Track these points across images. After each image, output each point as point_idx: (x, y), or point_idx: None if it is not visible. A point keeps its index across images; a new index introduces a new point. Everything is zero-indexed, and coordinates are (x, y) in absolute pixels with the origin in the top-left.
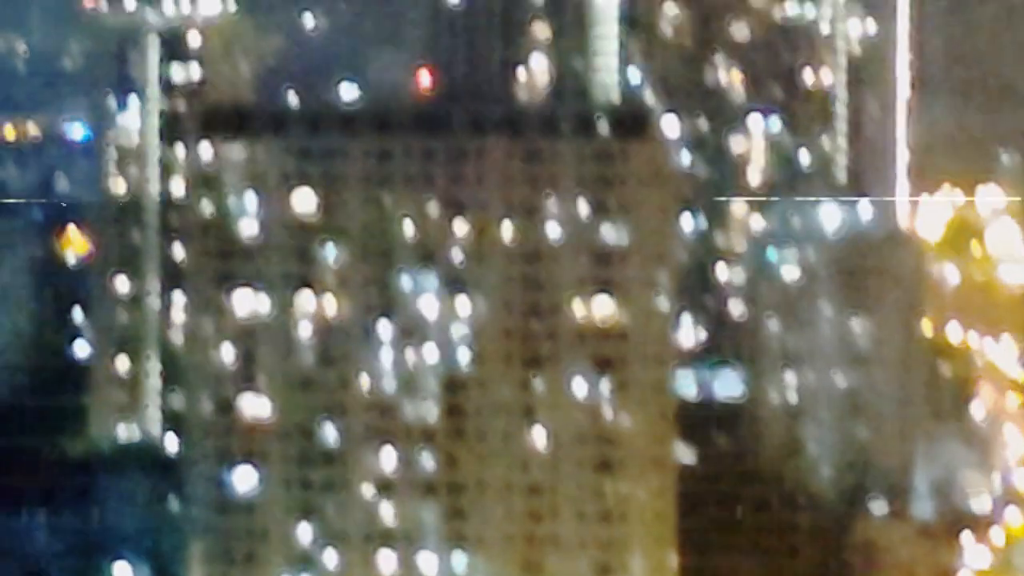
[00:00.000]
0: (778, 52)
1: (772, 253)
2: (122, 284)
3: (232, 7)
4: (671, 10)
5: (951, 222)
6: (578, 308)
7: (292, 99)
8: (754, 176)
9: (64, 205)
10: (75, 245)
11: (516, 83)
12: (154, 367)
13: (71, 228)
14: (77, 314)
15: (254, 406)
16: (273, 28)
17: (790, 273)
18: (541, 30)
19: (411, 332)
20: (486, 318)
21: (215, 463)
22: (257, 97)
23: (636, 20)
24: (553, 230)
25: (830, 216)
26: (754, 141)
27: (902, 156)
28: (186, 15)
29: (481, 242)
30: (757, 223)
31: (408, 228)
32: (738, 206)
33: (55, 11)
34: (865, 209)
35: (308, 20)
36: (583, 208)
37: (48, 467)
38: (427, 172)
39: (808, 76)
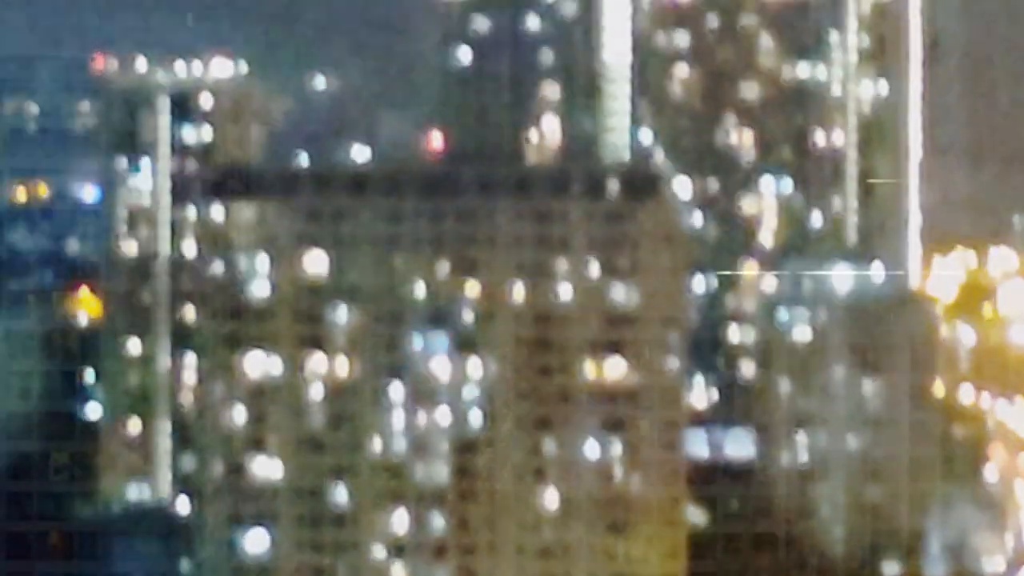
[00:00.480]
0: (789, 113)
1: (783, 314)
2: (133, 345)
3: (243, 69)
4: (682, 71)
5: (963, 284)
6: (589, 369)
7: (303, 160)
8: (765, 237)
9: (75, 266)
10: (86, 306)
11: (526, 144)
12: (165, 429)
13: (82, 289)
14: (88, 375)
15: (265, 468)
16: (284, 90)
17: (802, 334)
18: (551, 91)
19: (422, 393)
20: (497, 379)
21: (227, 525)
22: (268, 158)
23: (647, 81)
24: (564, 291)
25: (841, 277)
26: (765, 202)
27: (914, 217)
28: (197, 77)
29: (492, 303)
30: (768, 284)
31: (419, 289)
32: (749, 267)
33: (66, 73)
34: (877, 270)
35: (319, 82)
36: (594, 269)
37: (59, 530)
38: (437, 233)
39: (820, 137)
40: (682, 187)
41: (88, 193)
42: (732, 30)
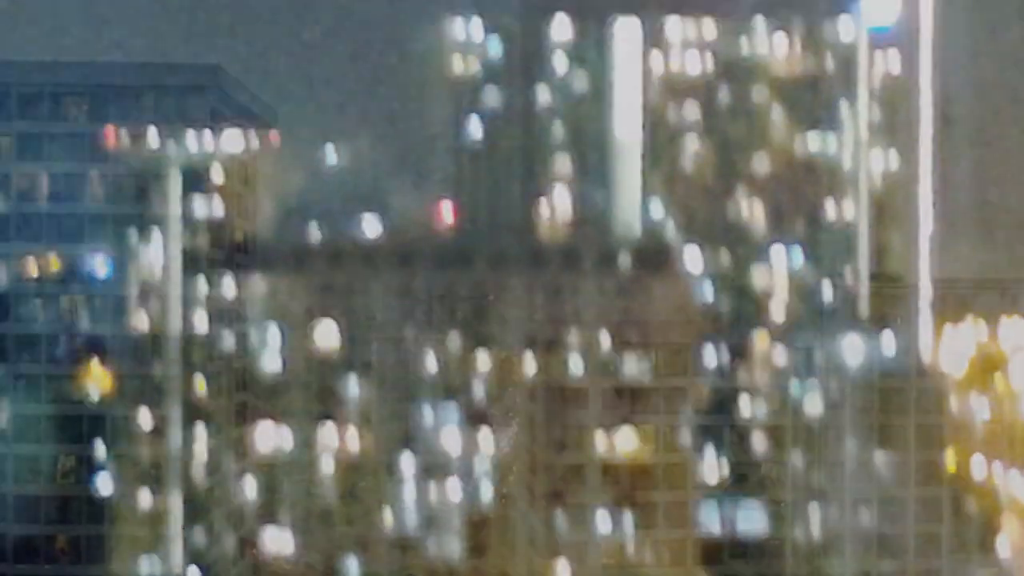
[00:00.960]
0: (800, 185)
1: (795, 387)
2: (144, 419)
3: (254, 142)
4: (693, 144)
5: (975, 356)
6: (600, 442)
7: (314, 233)
8: (777, 309)
9: (86, 340)
10: (97, 380)
11: (537, 217)
12: (176, 502)
13: (93, 363)
14: (100, 449)
15: (277, 541)
16: (295, 163)
17: (813, 407)
18: (562, 164)
19: (434, 467)
20: (508, 452)
21: None
22: (279, 231)
23: (658, 154)
24: (575, 364)
25: (853, 350)
26: (776, 274)
27: (925, 289)
28: (209, 150)
29: (503, 376)
30: (779, 357)
31: (430, 362)
32: (761, 340)
33: (77, 146)
34: (888, 343)
35: (330, 155)
36: (605, 342)
37: None
38: (449, 306)
39: (831, 209)
40: (693, 259)
41: (99, 267)
42: (743, 103)
